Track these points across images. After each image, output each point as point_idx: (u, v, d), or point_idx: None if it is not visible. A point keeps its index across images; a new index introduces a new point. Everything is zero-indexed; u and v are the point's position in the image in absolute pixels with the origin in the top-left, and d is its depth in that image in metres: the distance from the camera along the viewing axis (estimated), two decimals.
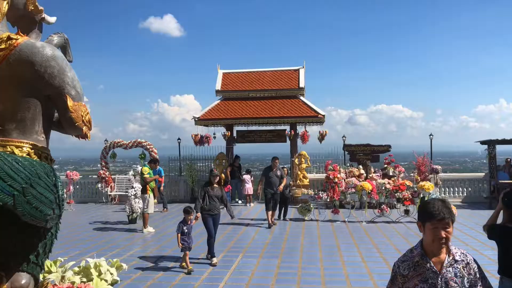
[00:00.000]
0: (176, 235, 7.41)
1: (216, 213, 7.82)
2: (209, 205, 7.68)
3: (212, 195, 7.70)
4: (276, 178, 11.16)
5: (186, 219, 7.39)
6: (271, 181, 11.12)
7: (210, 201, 7.67)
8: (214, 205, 7.73)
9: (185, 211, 7.42)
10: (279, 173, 11.22)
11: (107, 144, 16.94)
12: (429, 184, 11.23)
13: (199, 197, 7.67)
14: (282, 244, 9.04)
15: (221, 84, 16.65)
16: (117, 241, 9.60)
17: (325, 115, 15.29)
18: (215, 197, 7.73)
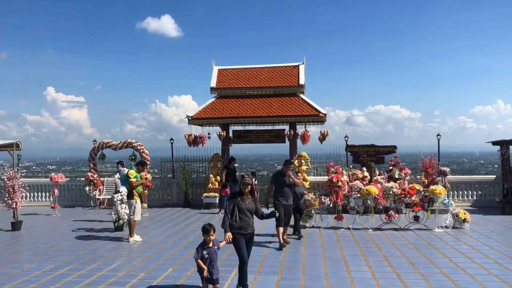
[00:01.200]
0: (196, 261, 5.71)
1: (250, 231, 6.10)
2: (240, 221, 6.02)
3: (244, 209, 6.07)
4: (289, 186, 9.06)
5: (205, 241, 5.72)
6: (283, 190, 8.99)
7: (242, 216, 6.04)
8: (246, 222, 6.06)
9: (204, 229, 5.73)
10: (291, 180, 9.11)
11: (96, 145, 16.02)
12: (441, 188, 10.35)
13: (227, 211, 6.05)
14: (281, 256, 8.13)
15: (216, 81, 15.74)
16: (99, 252, 8.67)
17: (326, 114, 14.41)
18: (248, 211, 6.10)
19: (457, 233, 10.05)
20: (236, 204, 6.07)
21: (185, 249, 8.78)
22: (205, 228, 5.72)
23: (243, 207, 6.06)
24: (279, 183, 9.03)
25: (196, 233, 10.41)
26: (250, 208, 6.13)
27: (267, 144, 16.00)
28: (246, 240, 6.09)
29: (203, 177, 15.83)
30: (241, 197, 6.13)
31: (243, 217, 6.02)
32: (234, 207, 6.06)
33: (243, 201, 6.09)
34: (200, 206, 14.98)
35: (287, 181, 9.02)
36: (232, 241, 5.95)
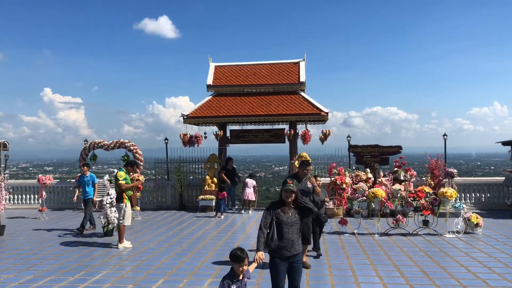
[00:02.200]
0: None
1: (294, 253, 4.62)
2: (281, 240, 4.59)
3: (287, 223, 4.63)
4: (307, 193, 7.21)
5: (236, 272, 4.15)
6: None
7: (284, 233, 4.59)
8: (290, 241, 4.60)
9: (235, 257, 4.10)
10: (309, 185, 7.31)
11: (87, 145, 15.32)
12: (452, 191, 9.72)
13: (263, 226, 4.62)
14: None
15: (213, 79, 15.06)
16: (85, 260, 7.97)
17: (328, 113, 13.76)
18: (292, 227, 4.65)
19: (470, 238, 9.41)
20: (276, 217, 4.64)
21: (178, 257, 8.10)
22: (237, 255, 4.08)
23: (285, 220, 4.63)
24: None
25: (191, 239, 9.75)
26: (295, 221, 4.69)
27: (266, 145, 15.37)
28: (289, 265, 4.64)
29: (199, 178, 15.15)
30: (282, 208, 4.70)
31: (286, 234, 4.59)
32: (272, 221, 4.63)
33: (284, 213, 4.67)
34: (195, 209, 14.30)
35: (304, 187, 7.14)
36: (269, 265, 4.67)
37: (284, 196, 4.72)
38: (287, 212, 4.69)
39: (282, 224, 4.61)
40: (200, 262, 7.68)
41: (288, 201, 4.70)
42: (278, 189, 50.03)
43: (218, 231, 10.70)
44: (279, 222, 4.61)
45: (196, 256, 8.14)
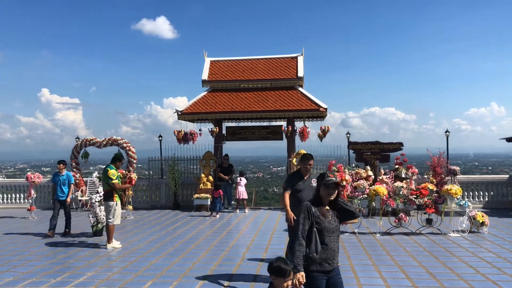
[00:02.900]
0: None
1: (335, 266, 3.83)
2: (323, 251, 3.71)
3: (329, 229, 3.76)
4: (310, 194, 5.26)
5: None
6: (301, 198, 5.66)
7: (326, 240, 3.73)
8: (332, 251, 3.76)
9: (278, 270, 3.24)
10: (315, 183, 5.20)
11: (78, 142, 14.85)
12: (457, 188, 9.30)
13: (300, 233, 3.69)
14: None
15: (208, 74, 14.62)
16: (71, 261, 7.52)
17: (327, 109, 13.33)
18: (333, 234, 3.80)
19: (476, 238, 8.99)
20: (316, 221, 3.70)
21: (169, 257, 7.66)
22: (281, 268, 3.22)
23: (326, 226, 3.72)
24: (297, 190, 5.89)
25: (184, 239, 9.30)
26: (336, 228, 3.80)
27: (264, 145, 14.99)
28: (329, 281, 3.78)
29: (194, 177, 14.69)
30: (320, 209, 3.75)
31: (329, 243, 3.71)
32: (312, 226, 3.69)
33: (325, 216, 3.74)
34: (190, 208, 13.86)
35: (309, 185, 5.83)
36: (307, 283, 3.63)
37: (326, 193, 3.73)
38: (327, 215, 3.76)
39: (323, 231, 3.70)
40: (192, 263, 7.25)
41: (331, 199, 3.76)
42: (276, 190, 49.11)
43: (212, 231, 10.26)
44: (320, 229, 3.70)
45: (188, 257, 7.71)
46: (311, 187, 5.68)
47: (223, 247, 8.48)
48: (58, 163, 10.64)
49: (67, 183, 10.43)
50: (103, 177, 8.81)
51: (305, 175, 5.95)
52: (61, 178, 10.38)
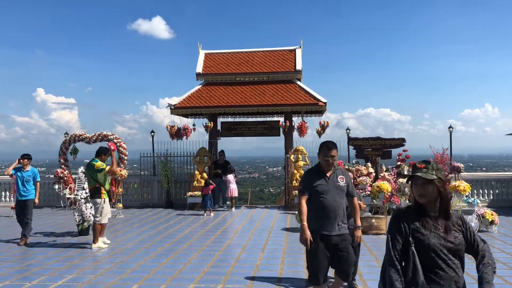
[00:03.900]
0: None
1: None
2: (431, 282, 2.35)
3: (437, 246, 2.37)
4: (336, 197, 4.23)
5: None
6: (326, 203, 4.18)
7: (436, 269, 2.36)
8: (449, 278, 2.36)
9: None
10: (343, 182, 4.29)
11: (67, 138, 14.23)
12: (465, 185, 8.78)
13: (395, 259, 2.42)
14: (278, 269, 6.47)
15: (203, 66, 14.02)
16: (50, 263, 6.91)
17: (326, 103, 12.79)
18: (449, 251, 2.38)
19: (486, 237, 8.44)
20: (413, 237, 2.39)
21: (158, 258, 7.07)
22: None
23: (434, 243, 2.36)
24: (318, 193, 4.18)
25: (175, 238, 8.72)
26: (454, 246, 2.39)
27: (260, 146, 14.78)
28: None
29: (187, 174, 14.10)
30: (421, 220, 2.41)
31: (445, 267, 2.35)
32: (409, 245, 2.39)
33: (429, 228, 2.39)
34: (184, 206, 13.27)
35: (335, 185, 4.22)
36: None
37: (418, 194, 2.42)
38: (434, 225, 2.40)
39: (430, 249, 2.35)
40: (183, 265, 6.67)
41: (431, 203, 2.41)
42: (272, 190, 48.22)
43: (206, 230, 9.68)
44: (424, 248, 2.36)
45: (179, 258, 7.13)
46: (338, 187, 4.19)
47: (216, 247, 7.91)
48: (22, 158, 8.86)
49: (31, 180, 8.81)
50: (88, 173, 8.18)
51: (327, 170, 4.22)
52: (25, 174, 8.75)
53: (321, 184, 4.19)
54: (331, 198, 4.15)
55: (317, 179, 4.22)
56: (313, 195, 4.21)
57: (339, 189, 4.22)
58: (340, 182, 4.23)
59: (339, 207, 4.17)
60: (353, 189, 4.41)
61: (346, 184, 4.29)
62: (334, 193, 4.17)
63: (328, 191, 4.17)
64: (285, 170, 13.96)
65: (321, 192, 4.16)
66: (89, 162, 8.19)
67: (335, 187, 4.20)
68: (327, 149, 4.19)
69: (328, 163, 4.20)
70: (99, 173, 7.98)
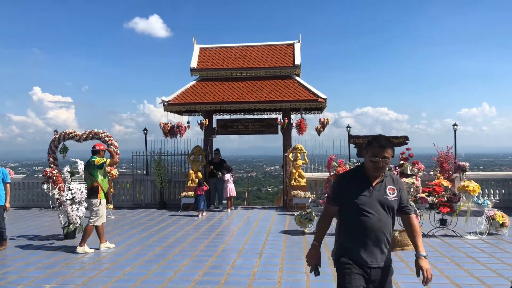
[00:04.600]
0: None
1: None
2: None
3: None
4: (381, 215, 3.05)
5: None
6: (363, 223, 3.02)
7: None
8: None
9: None
10: (393, 195, 3.09)
11: (56, 136, 13.65)
12: (475, 185, 8.28)
13: None
14: (277, 276, 5.94)
15: (198, 61, 13.47)
16: (29, 270, 6.37)
17: (326, 99, 12.26)
18: None
19: (497, 241, 7.96)
20: None
21: (147, 265, 6.54)
22: None
23: None
24: (356, 207, 3.05)
25: (167, 242, 8.19)
26: None
27: (257, 145, 14.26)
28: None
29: (181, 173, 13.56)
30: None
31: None
32: None
33: None
34: (177, 207, 12.73)
35: (382, 197, 3.06)
36: None
37: None
38: None
39: None
40: (174, 272, 6.14)
41: None
42: (270, 189, 47.77)
43: (200, 233, 9.15)
44: None
45: (170, 264, 6.60)
46: (386, 201, 3.04)
47: (210, 252, 7.38)
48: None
49: (1, 182, 7.87)
50: (87, 172, 7.74)
51: (373, 177, 3.08)
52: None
53: (362, 194, 3.03)
54: (375, 216, 3.00)
55: (357, 187, 3.06)
56: (349, 208, 3.05)
57: (387, 204, 3.05)
58: (389, 194, 3.07)
59: (384, 229, 3.02)
60: (408, 204, 3.20)
61: (397, 197, 3.10)
62: (379, 209, 3.02)
63: (372, 205, 3.02)
64: (283, 169, 13.45)
65: (361, 205, 3.01)
66: (88, 161, 7.80)
67: (382, 201, 3.04)
68: (379, 147, 3.00)
69: (376, 166, 3.02)
70: (99, 169, 7.64)
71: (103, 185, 7.68)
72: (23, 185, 14.21)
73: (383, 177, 3.11)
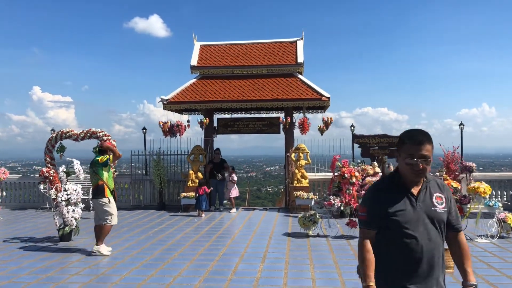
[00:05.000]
0: None
1: None
2: None
3: None
4: (432, 233, 2.34)
5: None
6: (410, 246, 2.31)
7: None
8: None
9: None
10: (442, 205, 2.40)
11: (53, 135, 13.34)
12: (486, 186, 7.98)
13: None
14: (282, 283, 5.64)
15: (198, 59, 13.16)
16: (21, 275, 6.06)
17: (330, 98, 11.96)
18: None
19: (509, 244, 7.66)
20: None
21: (145, 270, 6.24)
22: None
23: None
24: (398, 223, 2.34)
25: (166, 245, 7.89)
26: None
27: (257, 145, 13.79)
28: None
29: (181, 173, 13.26)
30: None
31: None
32: None
33: None
34: (177, 208, 12.42)
35: (429, 210, 2.37)
36: None
37: None
38: None
39: None
40: (173, 278, 5.84)
41: None
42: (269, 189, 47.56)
43: (200, 235, 8.85)
44: None
45: (169, 269, 6.30)
46: (434, 215, 2.37)
47: (211, 256, 7.07)
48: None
49: None
50: (92, 171, 7.51)
51: (413, 184, 2.42)
52: None
53: (403, 209, 2.34)
54: (423, 236, 2.31)
55: (394, 200, 2.37)
56: (389, 229, 2.36)
57: (437, 218, 2.36)
58: (437, 205, 2.37)
59: (437, 252, 2.34)
60: (457, 217, 2.49)
61: (447, 208, 2.42)
62: (427, 226, 2.34)
63: (418, 222, 2.33)
64: (285, 169, 13.14)
65: (404, 224, 2.32)
66: (92, 160, 7.59)
67: (430, 215, 2.35)
68: (414, 144, 2.32)
69: (415, 170, 2.32)
70: (104, 167, 7.44)
71: (108, 183, 7.49)
72: (19, 185, 13.90)
73: (426, 182, 2.42)
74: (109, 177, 7.59)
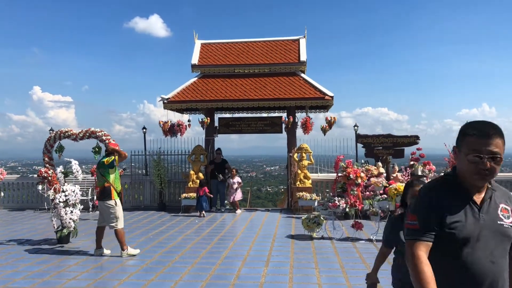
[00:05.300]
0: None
1: None
2: None
3: None
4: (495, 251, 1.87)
5: None
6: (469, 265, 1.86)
7: None
8: None
9: None
10: (509, 219, 1.90)
11: (52, 134, 13.13)
12: None
13: None
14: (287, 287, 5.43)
15: (199, 57, 12.95)
16: (16, 280, 5.86)
17: (333, 97, 11.75)
18: None
19: None
20: None
21: (144, 274, 6.03)
22: None
23: None
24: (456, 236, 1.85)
25: (166, 248, 7.68)
26: None
27: (258, 145, 13.74)
28: None
29: (182, 174, 13.05)
30: None
31: None
32: None
33: None
34: (178, 209, 12.21)
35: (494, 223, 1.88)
36: None
37: None
38: None
39: None
40: (174, 282, 5.64)
41: None
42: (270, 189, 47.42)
43: (201, 237, 8.64)
44: None
45: (169, 273, 6.09)
46: (499, 230, 1.90)
47: (213, 259, 6.87)
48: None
49: None
50: (98, 172, 7.36)
51: (476, 188, 1.93)
52: None
53: (462, 221, 1.88)
54: (485, 256, 1.87)
55: (453, 207, 1.90)
56: (444, 243, 1.89)
57: (503, 234, 1.90)
58: (503, 218, 1.91)
59: (500, 276, 1.89)
60: None
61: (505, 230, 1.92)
62: (490, 243, 1.88)
63: (480, 237, 1.87)
64: (287, 169, 12.93)
65: (464, 238, 1.87)
66: (99, 162, 7.49)
67: (496, 230, 1.89)
68: (481, 136, 1.85)
69: (480, 170, 1.85)
70: (110, 169, 7.27)
71: (115, 185, 7.34)
72: (18, 186, 13.70)
73: (490, 190, 1.94)
74: (115, 178, 7.43)
